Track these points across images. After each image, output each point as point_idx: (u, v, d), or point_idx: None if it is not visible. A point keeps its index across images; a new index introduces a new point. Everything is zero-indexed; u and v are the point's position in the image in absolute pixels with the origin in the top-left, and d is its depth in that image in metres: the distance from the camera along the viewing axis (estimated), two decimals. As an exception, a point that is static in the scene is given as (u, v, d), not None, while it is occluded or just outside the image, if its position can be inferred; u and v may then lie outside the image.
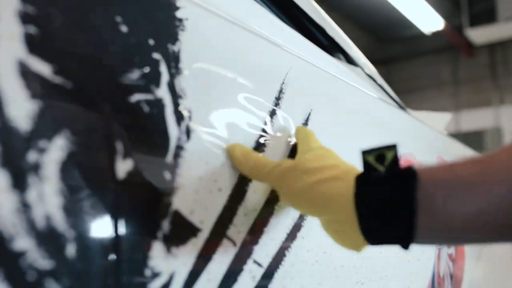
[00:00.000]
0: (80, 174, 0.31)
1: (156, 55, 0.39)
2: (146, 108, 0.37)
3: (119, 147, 0.34)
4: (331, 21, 0.99)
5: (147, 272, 0.34)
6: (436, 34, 5.95)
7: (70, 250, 0.29)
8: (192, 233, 0.39)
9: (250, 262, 0.44)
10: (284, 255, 0.49)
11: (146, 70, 0.37)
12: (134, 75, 0.36)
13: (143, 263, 0.34)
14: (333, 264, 0.56)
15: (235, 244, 0.43)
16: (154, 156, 0.37)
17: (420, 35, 6.17)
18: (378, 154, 0.41)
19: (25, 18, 0.30)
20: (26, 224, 0.28)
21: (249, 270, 0.44)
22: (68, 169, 0.30)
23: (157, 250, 0.35)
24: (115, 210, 0.32)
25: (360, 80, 0.88)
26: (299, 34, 0.71)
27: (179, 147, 0.39)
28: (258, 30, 0.55)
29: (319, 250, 0.54)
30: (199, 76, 0.43)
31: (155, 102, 0.37)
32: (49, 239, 0.28)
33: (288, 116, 0.54)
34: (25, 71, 0.29)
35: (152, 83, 0.38)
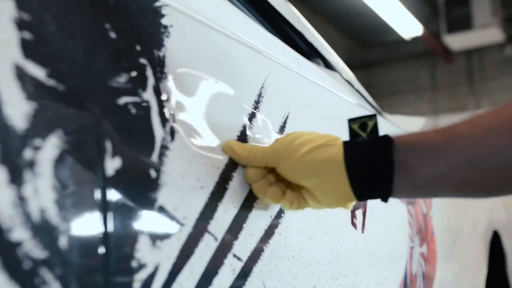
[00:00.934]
0: (72, 171, 0.33)
1: (142, 60, 0.41)
2: (133, 110, 0.39)
3: (108, 146, 0.36)
4: (311, 27, 1.02)
5: (134, 263, 0.37)
6: (415, 40, 6.04)
7: (62, 241, 0.32)
8: (175, 227, 0.41)
9: (230, 256, 0.47)
10: (263, 250, 0.51)
11: (133, 74, 0.40)
12: (122, 79, 0.39)
13: (130, 255, 0.36)
14: (309, 260, 0.59)
15: (216, 239, 0.45)
16: (141, 155, 0.39)
17: (400, 40, 6.25)
18: (361, 122, 0.48)
19: (21, 25, 0.32)
20: (22, 216, 0.30)
21: (229, 264, 0.46)
22: (61, 166, 0.32)
23: (143, 243, 0.38)
24: (104, 205, 0.35)
25: (338, 85, 0.91)
26: (279, 40, 0.74)
27: (164, 147, 0.41)
28: (240, 36, 0.58)
29: (295, 246, 0.57)
30: (183, 80, 0.45)
31: (142, 104, 0.40)
32: (43, 230, 0.31)
33: (267, 119, 0.57)
34: (21, 74, 0.32)
35: (139, 87, 0.40)
